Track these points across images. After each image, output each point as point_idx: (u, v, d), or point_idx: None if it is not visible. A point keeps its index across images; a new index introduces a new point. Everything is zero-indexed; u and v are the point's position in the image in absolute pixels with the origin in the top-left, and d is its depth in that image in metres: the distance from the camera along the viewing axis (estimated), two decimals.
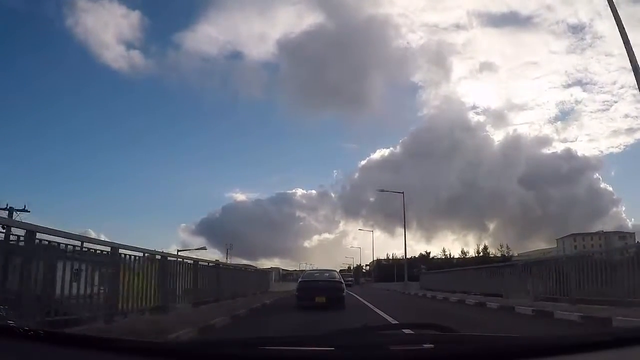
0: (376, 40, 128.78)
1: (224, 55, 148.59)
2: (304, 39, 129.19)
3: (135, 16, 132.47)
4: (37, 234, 6.14)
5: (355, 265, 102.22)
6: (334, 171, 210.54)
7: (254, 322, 10.41)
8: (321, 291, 14.01)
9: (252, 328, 9.10)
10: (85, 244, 7.62)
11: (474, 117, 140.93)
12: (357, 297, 23.51)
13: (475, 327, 8.71)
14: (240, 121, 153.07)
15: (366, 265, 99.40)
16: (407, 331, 2.35)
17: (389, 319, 10.88)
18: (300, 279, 16.39)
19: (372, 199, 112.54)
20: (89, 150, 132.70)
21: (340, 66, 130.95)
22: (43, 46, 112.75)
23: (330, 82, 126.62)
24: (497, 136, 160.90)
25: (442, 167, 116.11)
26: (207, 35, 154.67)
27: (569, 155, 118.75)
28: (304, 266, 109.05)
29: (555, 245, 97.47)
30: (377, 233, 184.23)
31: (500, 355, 1.48)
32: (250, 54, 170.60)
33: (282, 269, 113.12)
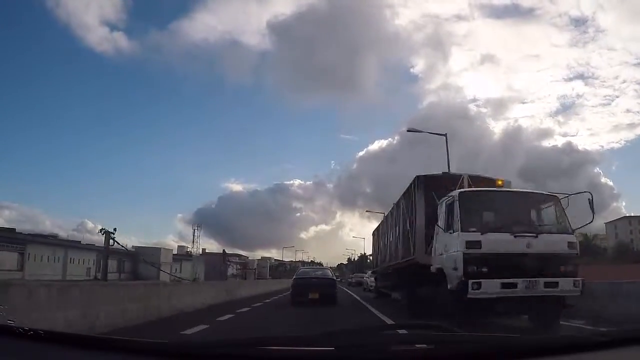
0: (376, 30, 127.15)
1: (221, 43, 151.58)
2: (301, 27, 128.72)
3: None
4: None
5: (359, 255, 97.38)
6: (332, 162, 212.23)
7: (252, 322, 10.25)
8: (314, 288, 15.10)
9: (250, 328, 9.10)
10: None
11: (474, 109, 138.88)
12: None
13: None
14: (237, 111, 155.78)
15: (369, 255, 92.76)
16: (407, 331, 2.38)
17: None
18: (294, 277, 17.21)
19: (368, 190, 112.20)
20: (84, 140, 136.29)
21: (341, 58, 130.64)
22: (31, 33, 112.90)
23: (329, 74, 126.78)
24: (497, 128, 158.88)
25: (440, 158, 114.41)
26: (202, 22, 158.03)
27: (569, 148, 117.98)
28: (301, 256, 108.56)
29: (604, 230, 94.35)
30: (376, 224, 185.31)
31: (501, 355, 1.52)
32: (247, 41, 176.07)
33: (275, 259, 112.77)
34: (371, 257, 19.38)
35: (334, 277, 16.98)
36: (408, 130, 24.80)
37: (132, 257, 56.72)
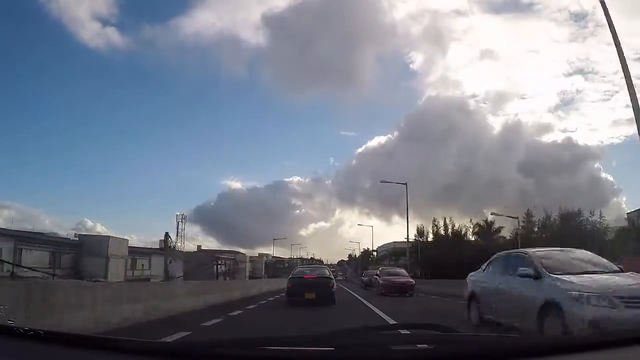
0: (374, 25, 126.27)
1: (217, 37, 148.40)
2: (298, 21, 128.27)
3: None
4: None
5: (361, 251, 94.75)
6: (331, 158, 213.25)
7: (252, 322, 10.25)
8: (311, 287, 14.86)
9: (250, 328, 9.12)
10: None
11: (473, 104, 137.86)
12: None
13: None
14: (234, 108, 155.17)
15: (373, 250, 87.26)
16: (407, 331, 2.38)
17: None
18: (290, 276, 17.02)
19: (367, 186, 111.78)
20: (82, 138, 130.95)
21: (339, 52, 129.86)
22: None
23: (328, 69, 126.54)
24: (497, 124, 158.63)
25: (440, 153, 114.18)
26: (197, 16, 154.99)
27: (569, 143, 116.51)
28: (299, 253, 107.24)
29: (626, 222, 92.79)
30: (375, 221, 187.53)
31: (501, 355, 1.52)
32: (243, 35, 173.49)
33: (273, 256, 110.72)
34: None
35: (332, 276, 16.87)
36: None
37: (75, 248, 44.87)
